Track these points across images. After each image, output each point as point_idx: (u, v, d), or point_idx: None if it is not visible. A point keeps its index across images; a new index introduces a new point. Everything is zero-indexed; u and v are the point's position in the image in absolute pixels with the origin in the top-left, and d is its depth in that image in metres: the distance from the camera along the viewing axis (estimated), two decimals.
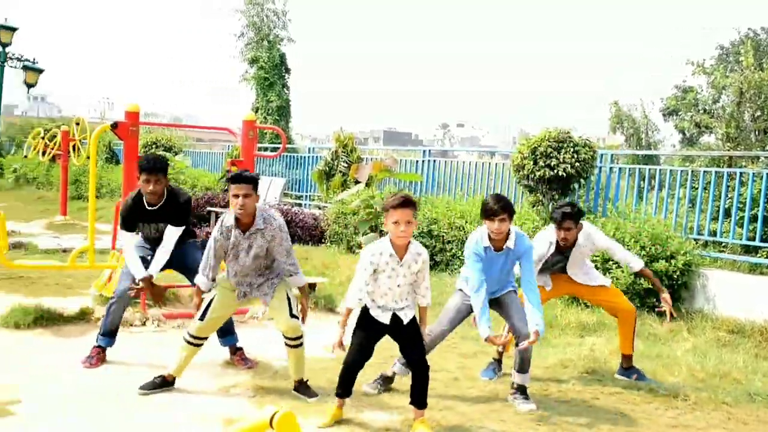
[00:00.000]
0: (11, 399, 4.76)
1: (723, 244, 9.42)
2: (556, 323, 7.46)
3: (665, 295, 5.86)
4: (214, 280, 5.26)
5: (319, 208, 14.55)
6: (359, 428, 4.59)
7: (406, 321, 4.62)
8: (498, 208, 4.94)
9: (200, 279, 5.24)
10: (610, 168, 10.14)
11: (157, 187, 5.69)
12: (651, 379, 5.89)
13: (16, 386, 5.01)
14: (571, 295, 7.29)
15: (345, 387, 4.69)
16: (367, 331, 4.66)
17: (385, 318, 4.61)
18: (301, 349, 5.17)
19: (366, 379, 5.23)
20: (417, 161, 13.35)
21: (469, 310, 5.28)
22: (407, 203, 4.44)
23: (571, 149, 9.39)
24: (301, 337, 5.13)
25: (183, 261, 5.95)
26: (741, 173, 9.15)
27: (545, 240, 5.82)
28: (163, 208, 5.81)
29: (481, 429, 4.68)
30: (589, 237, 5.87)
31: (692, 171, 9.75)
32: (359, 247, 10.85)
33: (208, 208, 14.14)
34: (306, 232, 12.80)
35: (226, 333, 5.91)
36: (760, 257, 9.06)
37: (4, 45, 23.06)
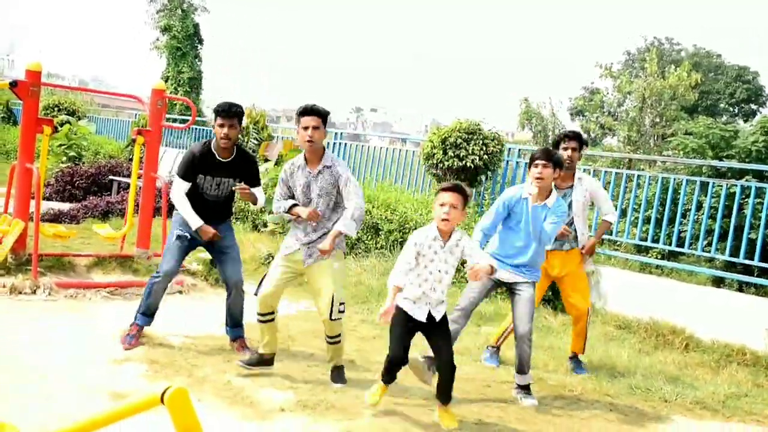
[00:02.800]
0: None
1: (618, 243, 9.82)
2: None
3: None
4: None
5: None
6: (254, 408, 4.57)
7: (438, 318, 4.52)
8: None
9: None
10: (517, 162, 10.37)
11: (231, 132, 5.41)
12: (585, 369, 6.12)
13: None
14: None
15: (390, 376, 4.60)
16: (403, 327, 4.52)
17: (420, 315, 4.48)
18: (340, 344, 5.11)
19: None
20: (328, 143, 13.29)
21: None
22: (457, 188, 4.42)
23: (481, 141, 9.57)
24: (340, 335, 5.07)
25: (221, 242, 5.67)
26: (639, 176, 9.54)
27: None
28: (233, 162, 5.56)
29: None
30: (581, 179, 6.01)
31: (594, 171, 10.09)
32: (264, 225, 10.75)
33: (111, 177, 13.68)
34: None
35: (237, 324, 5.72)
36: (650, 257, 9.49)
37: None
